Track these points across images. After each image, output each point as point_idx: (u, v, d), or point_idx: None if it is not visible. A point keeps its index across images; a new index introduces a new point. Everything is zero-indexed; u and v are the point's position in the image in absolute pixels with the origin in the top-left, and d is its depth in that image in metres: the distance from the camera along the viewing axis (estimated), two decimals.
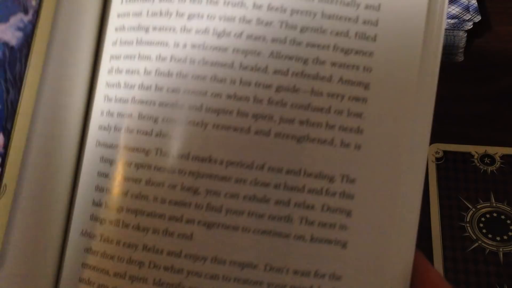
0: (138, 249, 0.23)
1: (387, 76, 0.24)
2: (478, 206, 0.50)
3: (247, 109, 0.24)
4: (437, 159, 0.54)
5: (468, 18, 0.62)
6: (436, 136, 0.56)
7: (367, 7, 0.24)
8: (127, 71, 0.25)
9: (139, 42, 0.25)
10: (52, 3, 0.26)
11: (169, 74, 0.24)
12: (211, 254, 0.23)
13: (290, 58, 0.24)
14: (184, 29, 0.24)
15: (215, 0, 0.24)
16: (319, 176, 0.24)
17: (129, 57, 0.25)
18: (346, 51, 0.24)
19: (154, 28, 0.25)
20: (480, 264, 0.46)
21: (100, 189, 0.25)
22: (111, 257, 0.24)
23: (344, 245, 0.23)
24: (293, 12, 0.24)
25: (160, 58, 0.24)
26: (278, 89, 0.24)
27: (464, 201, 0.51)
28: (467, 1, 0.65)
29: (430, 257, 0.47)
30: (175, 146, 0.24)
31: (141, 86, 0.24)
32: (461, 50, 0.64)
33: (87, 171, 0.25)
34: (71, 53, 0.26)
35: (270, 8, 0.24)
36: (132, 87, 0.25)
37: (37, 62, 0.24)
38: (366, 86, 0.24)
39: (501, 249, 0.47)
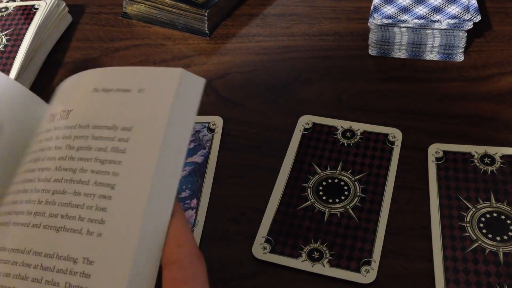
0: None
1: (128, 185, 0.31)
2: (478, 206, 0.50)
3: (32, 208, 0.32)
4: (437, 159, 0.54)
5: (468, 18, 0.62)
6: (436, 136, 0.57)
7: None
8: None
9: None
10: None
11: None
12: None
13: (66, 169, 0.32)
14: None
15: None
16: (67, 258, 0.30)
17: None
18: (102, 161, 0.32)
19: None
20: (480, 264, 0.46)
21: None
22: None
23: None
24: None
25: None
26: (54, 193, 0.32)
27: (464, 201, 0.51)
28: (467, 1, 0.65)
29: (430, 257, 0.47)
30: None
31: None
32: (461, 50, 0.64)
33: None
34: None
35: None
36: None
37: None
38: (112, 187, 0.31)
39: (501, 249, 0.47)
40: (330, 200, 0.52)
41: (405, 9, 0.65)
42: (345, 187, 0.53)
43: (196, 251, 0.31)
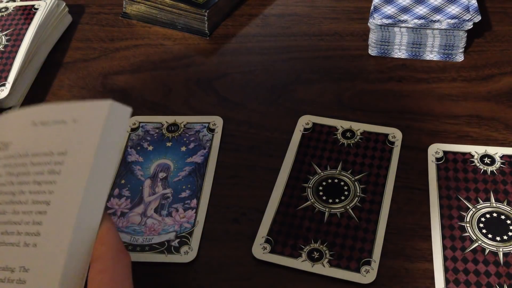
0: None
1: (61, 200, 0.35)
2: (478, 206, 0.50)
3: None
4: (437, 159, 0.54)
5: (468, 18, 0.62)
6: (436, 136, 0.57)
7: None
8: None
9: None
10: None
11: None
12: None
13: (6, 193, 0.37)
14: None
15: None
16: (5, 268, 0.34)
17: None
18: (40, 183, 0.36)
19: None
20: (480, 264, 0.46)
21: None
22: None
23: None
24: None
25: None
26: None
27: (464, 201, 0.51)
28: (467, 1, 0.65)
29: (430, 257, 0.47)
30: None
31: None
32: (461, 50, 0.64)
33: None
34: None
35: None
36: None
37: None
38: (48, 203, 0.35)
39: (501, 249, 0.47)
40: (330, 200, 0.52)
41: (405, 9, 0.65)
42: (345, 187, 0.53)
43: (118, 247, 0.35)
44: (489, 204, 0.50)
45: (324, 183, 0.53)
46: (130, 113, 0.40)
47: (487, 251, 0.47)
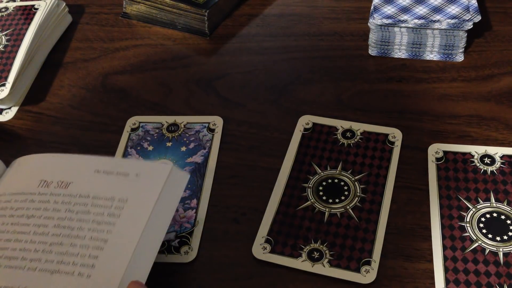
0: None
1: (119, 241, 0.41)
2: (478, 206, 0.50)
3: (28, 255, 0.40)
4: (437, 159, 0.54)
5: (468, 18, 0.62)
6: (436, 136, 0.57)
7: None
8: None
9: None
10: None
11: None
12: None
13: (64, 227, 0.42)
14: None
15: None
16: None
17: None
18: (99, 222, 0.41)
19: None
20: (480, 264, 0.46)
21: None
22: None
23: None
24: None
25: None
26: (51, 244, 0.41)
27: (464, 201, 0.51)
28: (467, 1, 0.65)
29: (430, 257, 0.47)
30: None
31: None
32: (461, 50, 0.64)
33: None
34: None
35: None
36: None
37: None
38: (105, 241, 0.40)
39: (501, 249, 0.47)
40: (330, 200, 0.52)
41: (405, 9, 0.65)
42: (345, 187, 0.53)
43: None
44: (489, 204, 0.50)
45: (324, 183, 0.53)
46: (188, 179, 0.45)
47: (487, 251, 0.47)
